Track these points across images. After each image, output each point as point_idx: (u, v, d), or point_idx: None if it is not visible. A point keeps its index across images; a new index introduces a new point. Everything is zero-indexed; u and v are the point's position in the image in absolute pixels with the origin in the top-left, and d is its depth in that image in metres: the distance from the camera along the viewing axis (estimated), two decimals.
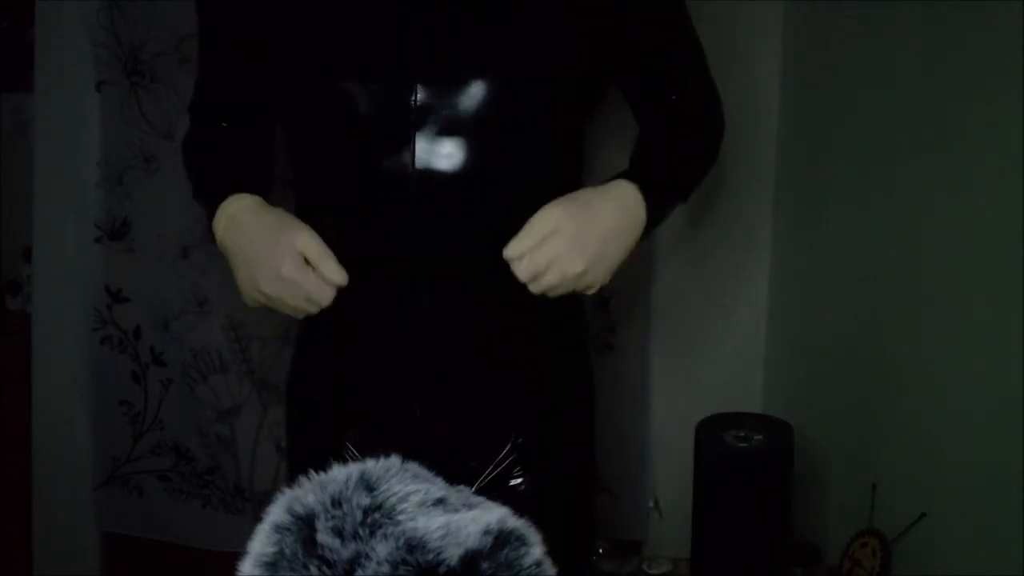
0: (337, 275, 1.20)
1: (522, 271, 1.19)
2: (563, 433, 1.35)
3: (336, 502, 0.67)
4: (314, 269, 1.20)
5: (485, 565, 0.65)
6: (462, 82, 1.19)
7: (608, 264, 1.23)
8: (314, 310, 1.22)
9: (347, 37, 1.21)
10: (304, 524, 0.66)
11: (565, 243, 1.19)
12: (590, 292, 1.26)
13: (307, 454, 1.34)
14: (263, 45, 1.25)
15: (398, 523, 0.65)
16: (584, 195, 1.24)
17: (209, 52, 1.35)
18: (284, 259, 1.19)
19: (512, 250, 1.20)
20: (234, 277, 1.27)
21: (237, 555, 0.69)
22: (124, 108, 2.10)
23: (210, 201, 1.28)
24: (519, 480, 1.29)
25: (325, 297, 1.20)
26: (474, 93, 1.20)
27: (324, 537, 0.65)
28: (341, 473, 0.69)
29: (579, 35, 1.23)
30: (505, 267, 1.22)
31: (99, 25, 2.07)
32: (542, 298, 1.24)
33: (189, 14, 2.01)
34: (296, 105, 1.28)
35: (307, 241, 1.20)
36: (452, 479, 0.73)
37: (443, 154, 1.19)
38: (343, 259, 1.24)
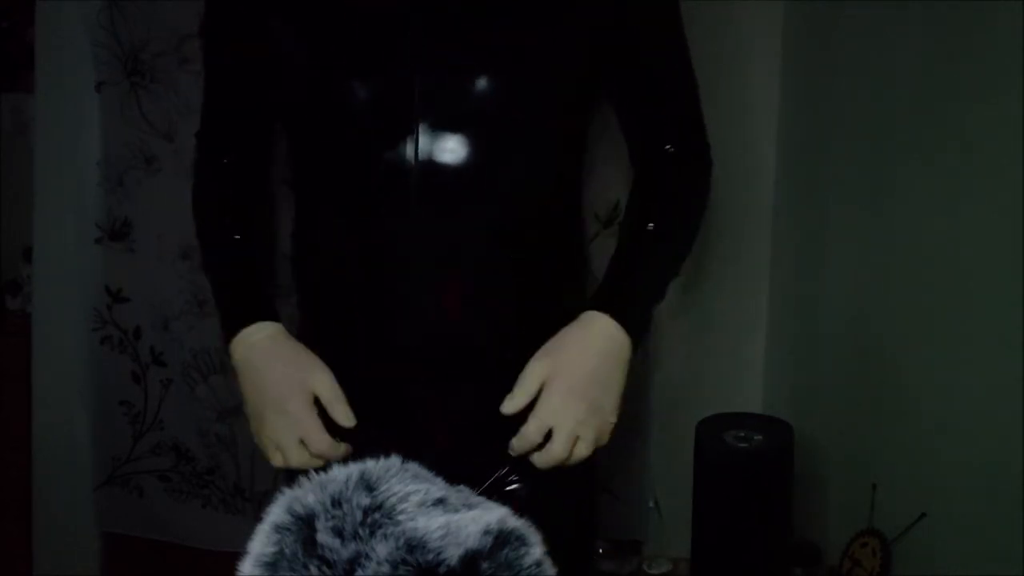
0: (345, 418, 1.19)
1: (532, 433, 1.16)
2: None
3: (336, 502, 0.67)
4: (325, 410, 1.19)
5: (485, 565, 0.65)
6: (463, 81, 1.19)
7: (612, 395, 1.20)
8: (301, 459, 1.18)
9: (348, 36, 1.21)
10: (304, 524, 0.66)
11: (560, 391, 1.16)
12: (606, 436, 1.19)
13: None
14: (265, 47, 1.26)
15: (398, 523, 0.65)
16: (561, 339, 1.21)
17: (214, 54, 1.35)
18: (294, 393, 1.19)
19: (507, 406, 1.17)
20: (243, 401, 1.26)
21: (237, 555, 0.69)
22: (124, 108, 2.10)
23: (227, 319, 1.28)
24: (518, 482, 1.29)
25: (318, 445, 1.17)
26: (475, 92, 1.20)
27: (324, 537, 0.65)
28: (341, 473, 0.69)
29: (579, 35, 1.23)
30: (505, 267, 1.22)
31: (99, 25, 2.07)
32: (540, 299, 1.24)
33: (189, 14, 2.03)
34: (297, 104, 1.28)
35: (322, 380, 1.20)
36: (452, 479, 0.73)
37: (443, 153, 1.19)
38: (342, 259, 1.24)
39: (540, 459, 1.18)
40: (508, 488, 1.28)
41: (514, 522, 0.68)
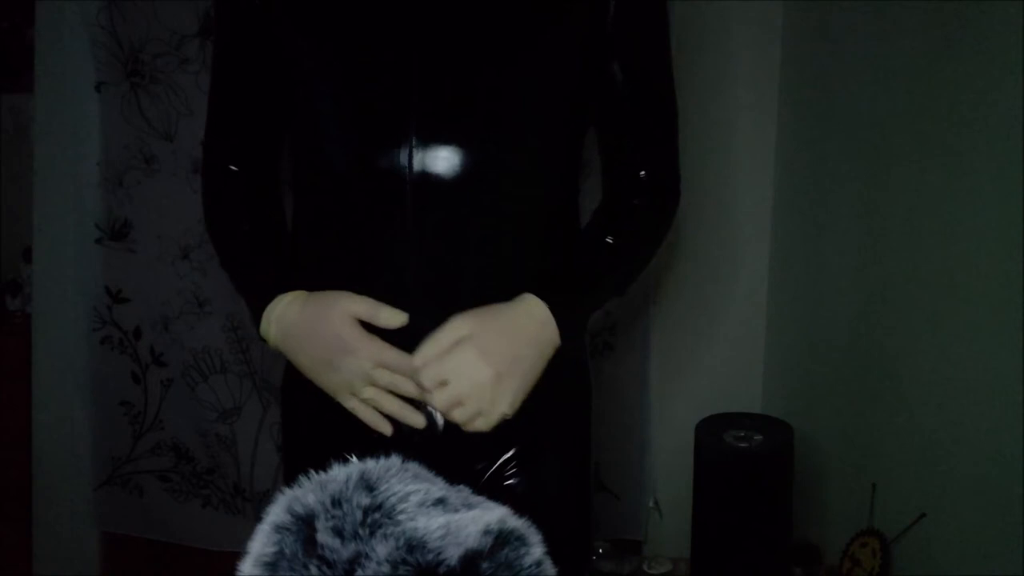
0: (396, 318, 1.18)
1: (427, 380, 1.15)
2: (561, 435, 1.35)
3: (336, 502, 0.67)
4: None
5: (485, 565, 0.65)
6: (461, 90, 1.19)
7: (519, 381, 1.18)
8: (393, 379, 1.17)
9: (345, 42, 1.21)
10: (304, 524, 0.66)
11: (473, 350, 1.15)
12: (495, 415, 1.17)
13: (305, 456, 1.34)
14: (270, 56, 1.26)
15: (398, 523, 0.65)
16: (494, 306, 1.20)
17: (222, 64, 1.35)
18: (335, 323, 1.18)
19: (417, 358, 1.15)
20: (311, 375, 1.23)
21: (237, 555, 0.69)
22: (124, 109, 2.11)
23: (252, 303, 1.27)
24: (517, 481, 1.29)
25: (399, 362, 1.16)
26: (473, 101, 1.20)
27: (324, 537, 0.65)
28: (341, 473, 0.69)
29: (578, 45, 1.23)
30: (503, 275, 1.22)
31: (99, 25, 2.08)
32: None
33: (189, 14, 2.03)
34: (298, 108, 1.28)
35: (354, 302, 1.18)
36: (453, 480, 0.73)
37: (440, 162, 1.19)
38: (340, 265, 1.24)
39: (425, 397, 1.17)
40: (509, 485, 1.28)
41: (514, 522, 0.68)
